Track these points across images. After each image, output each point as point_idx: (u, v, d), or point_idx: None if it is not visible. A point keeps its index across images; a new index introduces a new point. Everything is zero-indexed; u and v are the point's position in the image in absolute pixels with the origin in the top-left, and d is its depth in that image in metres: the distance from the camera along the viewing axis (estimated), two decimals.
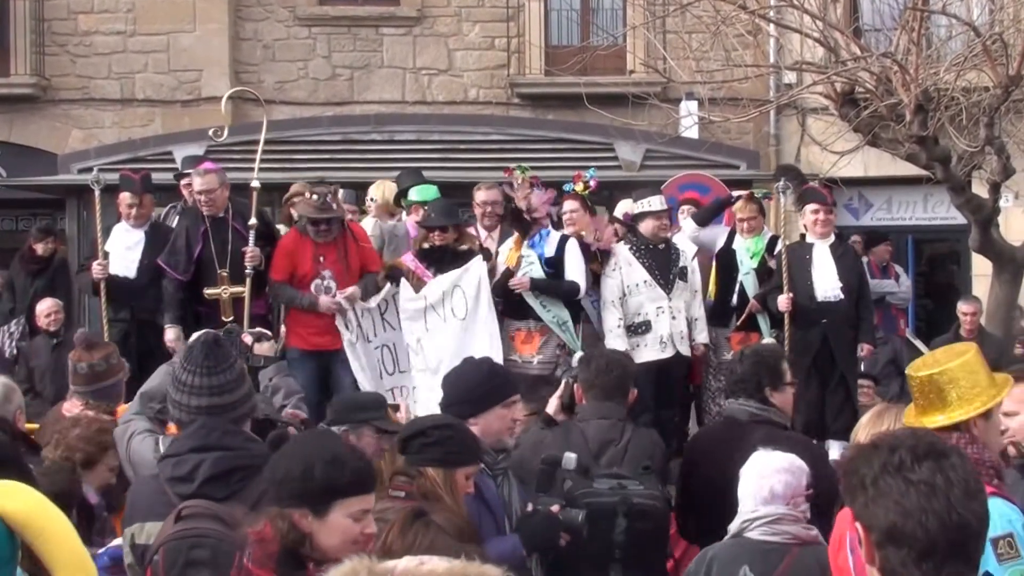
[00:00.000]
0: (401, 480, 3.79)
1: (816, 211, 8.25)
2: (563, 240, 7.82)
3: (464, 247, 7.75)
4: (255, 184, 7.88)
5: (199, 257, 7.86)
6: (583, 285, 7.77)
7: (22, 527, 2.58)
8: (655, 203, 8.01)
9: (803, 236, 8.62)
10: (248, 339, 5.02)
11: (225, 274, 7.63)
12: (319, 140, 11.83)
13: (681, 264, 7.99)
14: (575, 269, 7.77)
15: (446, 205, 7.98)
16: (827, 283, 8.08)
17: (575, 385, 5.19)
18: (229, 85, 14.54)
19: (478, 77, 14.99)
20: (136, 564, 3.48)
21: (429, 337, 7.62)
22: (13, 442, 4.58)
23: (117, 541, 4.01)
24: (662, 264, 7.93)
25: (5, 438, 4.54)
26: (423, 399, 7.15)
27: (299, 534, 2.81)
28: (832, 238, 8.25)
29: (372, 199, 8.94)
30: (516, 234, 7.90)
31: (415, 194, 8.47)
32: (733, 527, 3.91)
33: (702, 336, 8.01)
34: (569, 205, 8.17)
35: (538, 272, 7.71)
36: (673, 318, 7.85)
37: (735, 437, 4.78)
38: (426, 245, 7.83)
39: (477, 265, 7.63)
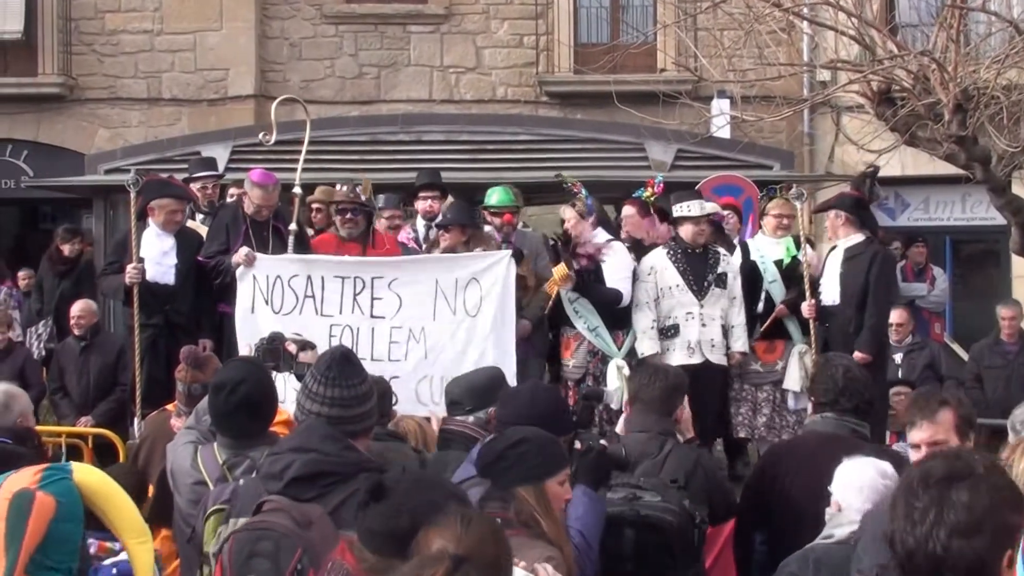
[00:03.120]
0: (495, 506, 3.59)
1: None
2: (606, 244, 7.68)
3: (476, 250, 7.57)
4: (296, 190, 7.83)
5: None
6: (627, 292, 7.60)
7: (93, 494, 3.29)
8: (694, 208, 7.87)
9: None
10: (293, 348, 4.89)
11: None
12: (346, 140, 11.75)
13: (720, 270, 7.83)
14: (618, 275, 7.61)
15: (461, 206, 7.85)
16: (828, 288, 7.95)
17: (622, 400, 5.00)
18: (255, 84, 14.55)
19: (506, 75, 14.87)
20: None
21: (435, 327, 7.15)
22: (35, 451, 4.59)
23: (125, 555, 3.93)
24: (697, 269, 7.80)
25: (26, 450, 4.48)
26: (402, 391, 6.47)
27: None
28: (853, 241, 8.05)
29: None
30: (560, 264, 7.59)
31: (494, 199, 8.09)
32: (841, 533, 3.78)
33: (738, 344, 7.84)
34: (626, 211, 8.10)
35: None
36: (703, 325, 7.72)
37: (836, 452, 4.32)
38: (436, 251, 7.67)
39: (503, 263, 7.28)
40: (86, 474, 3.36)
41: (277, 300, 7.14)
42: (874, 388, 4.95)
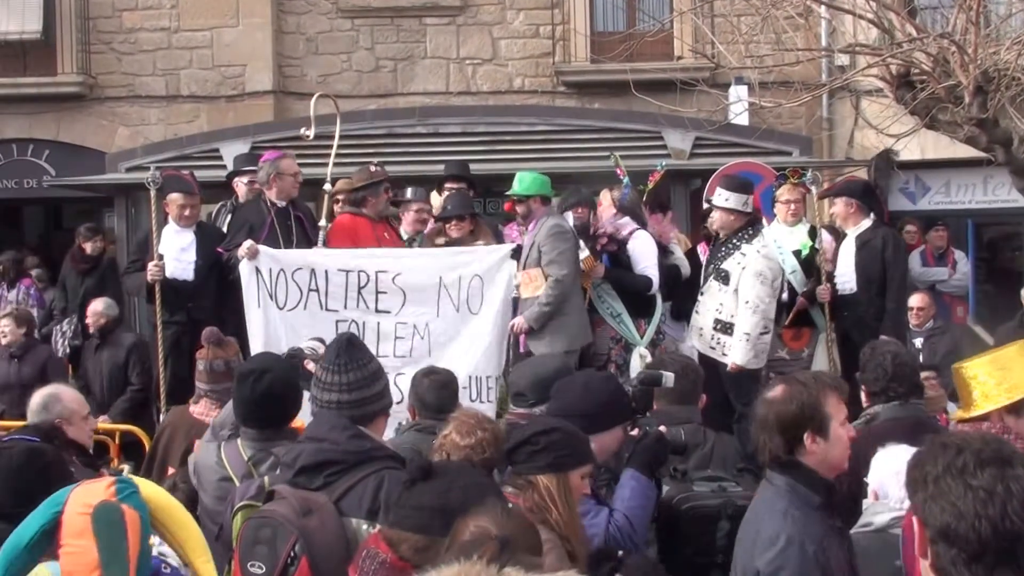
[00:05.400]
0: (509, 491, 3.60)
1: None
2: (632, 232, 7.67)
3: (479, 243, 7.57)
4: (327, 187, 7.86)
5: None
6: (656, 278, 7.58)
7: (159, 510, 3.12)
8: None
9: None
10: (311, 366, 4.85)
11: None
12: (363, 134, 11.74)
13: (724, 266, 7.57)
14: (645, 262, 7.59)
15: (462, 197, 7.87)
16: (844, 275, 7.89)
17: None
18: (272, 79, 14.58)
19: (523, 66, 14.84)
20: None
21: (438, 324, 7.12)
22: (59, 449, 4.58)
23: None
24: (708, 259, 7.80)
25: (52, 447, 4.50)
26: (407, 387, 6.42)
27: None
28: (863, 227, 7.99)
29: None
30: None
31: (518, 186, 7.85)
32: (881, 520, 3.78)
33: (733, 354, 7.29)
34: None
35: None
36: (697, 312, 7.71)
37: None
38: (440, 240, 7.68)
39: (507, 263, 7.24)
40: (151, 489, 3.19)
41: (281, 295, 7.09)
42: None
